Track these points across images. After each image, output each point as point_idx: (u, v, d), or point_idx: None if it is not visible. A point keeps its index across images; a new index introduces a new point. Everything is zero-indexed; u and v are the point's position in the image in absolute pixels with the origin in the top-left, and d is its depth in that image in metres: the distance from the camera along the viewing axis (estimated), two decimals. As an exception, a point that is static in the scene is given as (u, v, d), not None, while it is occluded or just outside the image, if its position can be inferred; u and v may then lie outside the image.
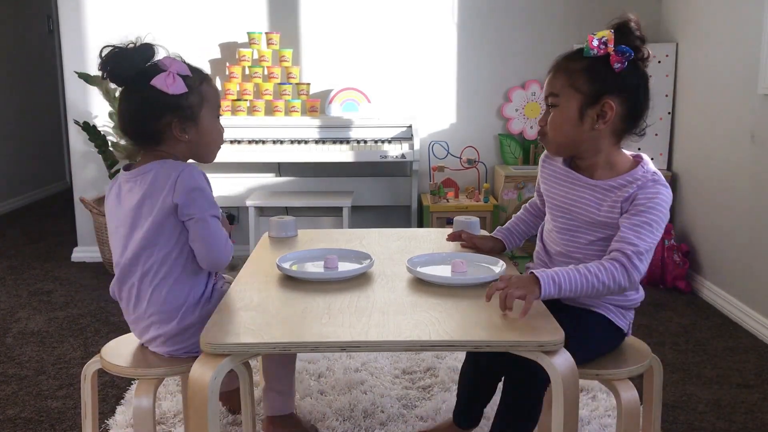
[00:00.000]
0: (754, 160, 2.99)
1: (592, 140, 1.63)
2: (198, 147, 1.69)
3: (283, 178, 4.07)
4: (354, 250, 1.86)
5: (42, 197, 6.07)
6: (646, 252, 1.55)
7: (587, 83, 1.60)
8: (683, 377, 2.54)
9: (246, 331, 1.37)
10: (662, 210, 1.58)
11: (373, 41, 4.03)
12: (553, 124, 1.64)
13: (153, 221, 1.59)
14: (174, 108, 1.61)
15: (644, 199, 1.58)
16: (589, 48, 1.58)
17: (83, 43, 3.93)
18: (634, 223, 1.56)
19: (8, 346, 2.83)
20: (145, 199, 1.61)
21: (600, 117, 1.60)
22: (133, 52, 1.61)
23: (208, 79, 1.69)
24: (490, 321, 1.42)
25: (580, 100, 1.60)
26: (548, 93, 1.65)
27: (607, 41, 1.58)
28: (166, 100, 1.59)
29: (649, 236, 1.55)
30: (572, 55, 1.64)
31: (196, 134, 1.66)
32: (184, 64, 1.63)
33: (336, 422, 2.17)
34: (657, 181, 1.61)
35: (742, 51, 3.10)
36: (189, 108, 1.63)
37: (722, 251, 3.30)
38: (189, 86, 1.61)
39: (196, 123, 1.65)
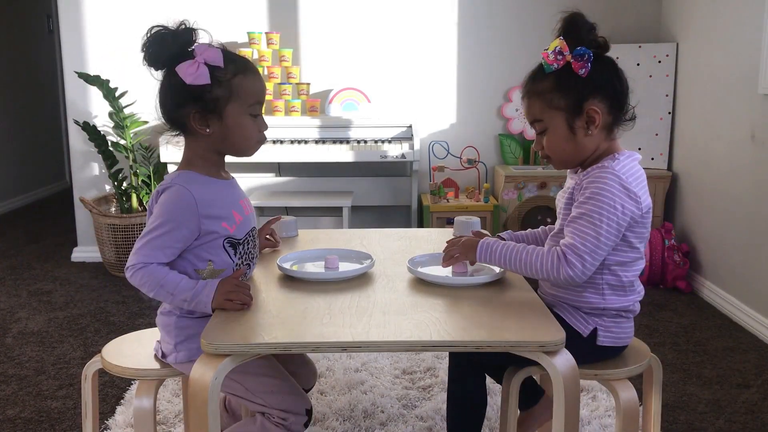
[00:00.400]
0: (754, 160, 2.99)
1: (588, 145, 1.63)
2: (223, 142, 1.57)
3: (283, 178, 4.07)
4: (354, 250, 1.86)
5: (42, 197, 6.07)
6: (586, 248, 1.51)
7: (563, 98, 1.59)
8: (683, 377, 2.54)
9: (246, 331, 1.37)
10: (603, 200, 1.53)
11: (373, 41, 4.03)
12: (551, 147, 1.64)
13: None
14: (195, 99, 1.52)
15: (586, 190, 1.56)
16: (548, 64, 1.58)
17: (83, 43, 3.93)
18: (574, 216, 1.56)
19: (8, 346, 2.83)
20: None
21: (589, 123, 1.60)
22: (171, 36, 1.53)
23: (246, 72, 1.55)
24: (490, 321, 1.42)
25: (563, 116, 1.60)
26: (532, 120, 1.66)
27: (561, 50, 1.57)
28: (187, 89, 1.50)
29: (588, 231, 1.52)
30: (536, 75, 1.63)
31: (220, 129, 1.54)
32: (220, 54, 1.51)
33: (336, 422, 2.18)
34: (605, 168, 1.57)
35: (742, 51, 3.10)
36: (213, 101, 1.52)
37: (722, 251, 3.30)
38: (217, 78, 1.50)
39: (220, 117, 1.53)
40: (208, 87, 1.51)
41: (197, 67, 1.49)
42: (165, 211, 1.52)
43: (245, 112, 1.56)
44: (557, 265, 1.53)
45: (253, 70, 1.58)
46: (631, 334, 1.69)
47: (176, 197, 1.52)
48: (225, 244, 1.57)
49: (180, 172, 1.58)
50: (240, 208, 1.62)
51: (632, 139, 3.75)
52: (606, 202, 1.53)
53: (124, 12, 3.92)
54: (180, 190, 1.52)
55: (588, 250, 1.52)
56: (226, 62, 1.52)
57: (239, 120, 1.55)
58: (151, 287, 1.51)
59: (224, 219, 1.56)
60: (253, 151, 1.62)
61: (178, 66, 1.50)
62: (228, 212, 1.58)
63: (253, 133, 1.59)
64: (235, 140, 1.57)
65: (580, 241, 1.52)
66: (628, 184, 1.55)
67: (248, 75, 1.56)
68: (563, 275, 1.52)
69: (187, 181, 1.54)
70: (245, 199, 1.67)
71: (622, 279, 1.62)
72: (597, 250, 1.52)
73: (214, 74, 1.51)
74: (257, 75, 1.59)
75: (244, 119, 1.56)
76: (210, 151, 1.59)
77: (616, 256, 1.60)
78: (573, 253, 1.52)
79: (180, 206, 1.52)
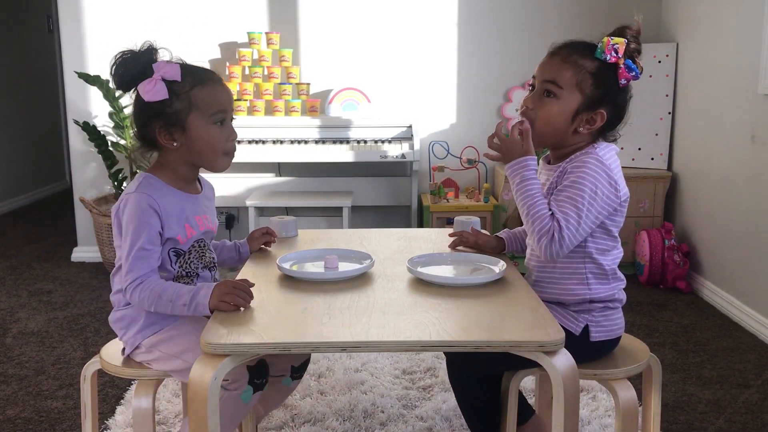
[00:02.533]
0: (754, 160, 2.99)
1: (571, 138, 1.65)
2: (192, 154, 1.63)
3: (283, 178, 4.07)
4: (354, 250, 1.86)
5: (42, 197, 6.07)
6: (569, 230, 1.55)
7: (592, 88, 1.61)
8: (683, 377, 2.54)
9: (246, 331, 1.37)
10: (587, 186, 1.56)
11: (373, 41, 4.03)
12: (546, 115, 1.63)
13: None
14: (158, 114, 1.58)
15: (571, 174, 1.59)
16: (603, 51, 1.58)
17: (83, 43, 3.92)
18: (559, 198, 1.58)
19: (8, 346, 2.83)
20: None
21: (588, 122, 1.63)
22: (132, 58, 1.59)
23: (205, 83, 1.60)
24: (490, 321, 1.42)
25: (580, 101, 1.61)
26: (550, 79, 1.62)
27: (619, 50, 1.58)
28: (150, 106, 1.57)
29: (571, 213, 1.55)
30: (582, 49, 1.62)
31: (186, 141, 1.60)
32: (177, 68, 1.58)
33: (336, 422, 2.17)
34: (588, 153, 1.60)
35: (742, 51, 3.10)
36: (174, 114, 1.58)
37: (722, 251, 3.30)
38: (175, 92, 1.56)
39: (184, 129, 1.59)
40: (168, 101, 1.57)
41: (154, 83, 1.55)
42: (132, 220, 1.57)
43: (208, 122, 1.61)
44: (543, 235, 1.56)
45: (213, 80, 1.63)
46: (621, 324, 1.70)
47: (137, 203, 1.57)
48: (170, 252, 1.63)
49: (143, 177, 1.63)
50: (194, 223, 1.66)
51: (632, 139, 3.75)
52: (588, 186, 1.56)
53: (124, 12, 3.92)
54: (140, 197, 1.58)
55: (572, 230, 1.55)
56: (184, 75, 1.58)
57: (203, 130, 1.60)
58: (151, 301, 1.55)
59: (175, 229, 1.62)
60: (222, 162, 1.67)
61: (138, 85, 1.57)
62: (180, 225, 1.63)
63: (218, 142, 1.63)
64: (201, 150, 1.62)
65: (564, 222, 1.55)
66: (610, 171, 1.59)
67: (207, 85, 1.61)
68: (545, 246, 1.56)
69: (147, 188, 1.60)
70: (205, 216, 1.71)
71: (603, 267, 1.65)
72: (578, 230, 1.56)
73: (173, 88, 1.57)
74: (218, 84, 1.63)
75: (207, 129, 1.61)
76: (181, 165, 1.65)
77: (595, 243, 1.63)
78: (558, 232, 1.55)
79: (143, 210, 1.57)
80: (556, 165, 1.67)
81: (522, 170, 1.61)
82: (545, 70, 1.64)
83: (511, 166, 1.62)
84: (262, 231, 1.94)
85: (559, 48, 1.65)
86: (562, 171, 1.63)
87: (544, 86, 1.63)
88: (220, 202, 3.99)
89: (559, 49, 1.64)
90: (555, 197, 1.60)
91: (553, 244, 1.55)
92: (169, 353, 1.61)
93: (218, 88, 1.63)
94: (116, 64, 1.59)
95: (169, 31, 3.94)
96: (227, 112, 1.64)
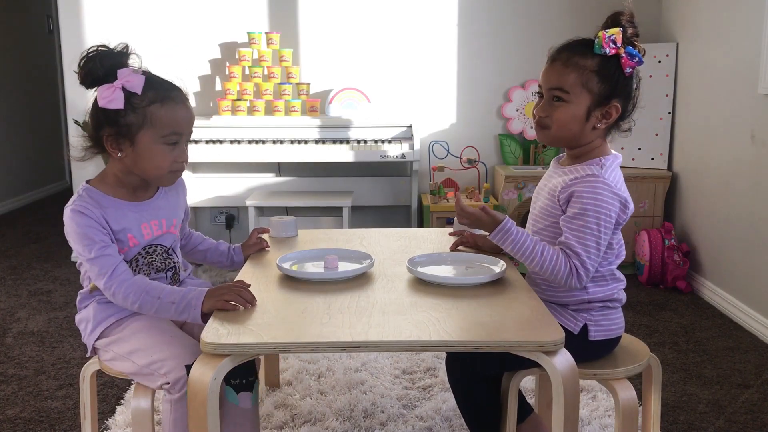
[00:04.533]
0: (754, 160, 2.99)
1: (589, 137, 1.66)
2: (135, 167, 1.59)
3: (283, 178, 4.07)
4: (354, 250, 1.86)
5: (42, 197, 6.07)
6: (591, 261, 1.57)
7: (599, 84, 1.61)
8: (683, 377, 2.54)
9: (246, 331, 1.37)
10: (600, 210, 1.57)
11: (373, 41, 4.03)
12: (560, 120, 1.63)
13: None
14: (110, 122, 1.55)
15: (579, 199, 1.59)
16: (602, 46, 1.58)
17: (83, 43, 3.92)
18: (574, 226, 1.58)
19: (8, 346, 2.83)
20: None
21: (604, 117, 1.63)
22: (100, 57, 1.55)
23: (165, 101, 1.55)
24: (490, 321, 1.42)
25: (589, 100, 1.61)
26: (556, 86, 1.63)
27: (616, 40, 1.59)
28: (104, 111, 1.54)
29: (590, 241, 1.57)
30: (580, 49, 1.63)
31: (132, 154, 1.57)
32: (141, 80, 1.53)
33: (336, 422, 2.17)
34: (595, 177, 1.60)
35: (742, 51, 3.10)
36: (125, 126, 1.54)
37: (722, 251, 3.30)
38: (132, 104, 1.53)
39: (132, 143, 1.56)
40: (122, 112, 1.53)
41: (113, 91, 1.52)
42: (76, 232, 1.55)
43: (159, 141, 1.57)
44: (567, 276, 1.57)
45: (175, 99, 1.58)
46: (621, 324, 1.70)
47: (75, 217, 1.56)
48: None
49: (82, 190, 1.61)
50: (139, 232, 1.63)
51: (632, 139, 3.75)
52: (603, 213, 1.57)
53: (124, 12, 3.92)
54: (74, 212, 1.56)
55: (593, 262, 1.58)
56: (146, 89, 1.54)
57: (151, 148, 1.56)
58: (136, 297, 1.53)
59: (117, 240, 1.60)
60: (167, 180, 1.64)
61: (98, 88, 1.54)
62: (123, 235, 1.60)
63: (164, 163, 1.59)
64: (145, 167, 1.59)
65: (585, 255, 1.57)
66: (618, 191, 1.60)
67: (166, 104, 1.56)
68: (572, 285, 1.58)
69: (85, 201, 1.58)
70: (155, 222, 1.67)
71: (600, 270, 1.65)
72: (597, 259, 1.59)
73: (130, 100, 1.53)
74: (179, 105, 1.59)
75: (156, 147, 1.57)
76: (125, 174, 1.62)
77: None
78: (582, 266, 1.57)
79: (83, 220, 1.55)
80: (568, 168, 1.67)
81: (506, 236, 1.62)
82: (549, 78, 1.64)
83: (494, 237, 1.65)
84: (253, 240, 1.93)
85: (558, 52, 1.64)
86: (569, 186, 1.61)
87: (551, 93, 1.64)
88: (220, 202, 3.99)
89: (558, 54, 1.64)
90: (569, 225, 1.59)
91: (580, 280, 1.58)
92: (120, 353, 1.59)
93: (179, 108, 1.58)
94: (84, 58, 1.56)
95: (169, 31, 3.94)
96: (182, 135, 1.60)
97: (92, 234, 1.55)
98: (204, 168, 3.99)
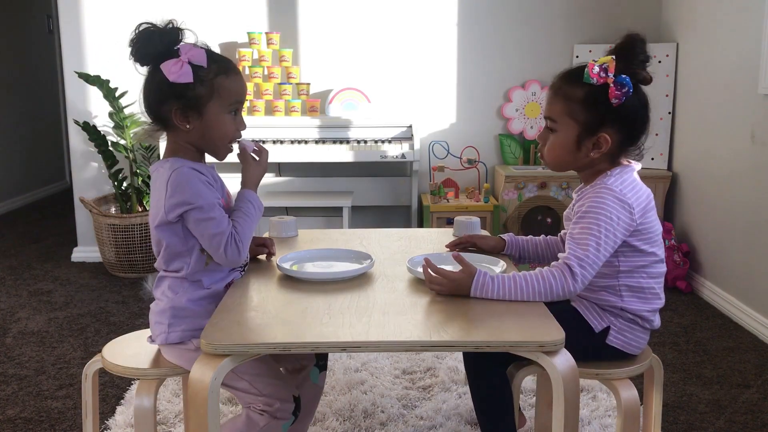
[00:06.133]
0: (754, 160, 2.99)
1: (586, 163, 1.66)
2: (203, 139, 1.62)
3: (283, 178, 4.07)
4: (354, 250, 1.86)
5: (42, 197, 6.07)
6: (585, 257, 1.53)
7: (584, 113, 1.60)
8: (683, 377, 2.54)
9: (246, 331, 1.37)
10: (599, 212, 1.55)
11: (373, 41, 4.03)
12: (550, 148, 1.66)
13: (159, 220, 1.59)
14: (178, 96, 1.57)
15: (582, 206, 1.59)
16: (589, 76, 1.57)
17: (83, 43, 3.93)
18: (575, 232, 1.57)
19: (8, 346, 2.83)
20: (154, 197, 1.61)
21: (595, 146, 1.62)
22: (159, 34, 1.58)
23: (229, 73, 1.61)
24: (490, 321, 1.42)
25: (576, 129, 1.61)
26: (546, 115, 1.66)
27: (607, 68, 1.56)
28: (171, 85, 1.55)
29: (588, 241, 1.54)
30: (571, 78, 1.63)
31: (200, 126, 1.60)
32: (204, 54, 1.57)
33: (336, 422, 2.17)
34: (598, 185, 1.60)
35: (742, 51, 3.10)
36: (194, 98, 1.57)
37: (722, 251, 3.30)
38: (200, 77, 1.56)
39: (200, 114, 1.58)
40: (191, 85, 1.56)
41: (181, 65, 1.55)
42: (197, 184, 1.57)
43: (225, 111, 1.62)
44: (562, 281, 1.53)
45: (235, 71, 1.64)
46: (642, 345, 1.69)
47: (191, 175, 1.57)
48: None
49: (173, 161, 1.60)
50: (225, 194, 1.69)
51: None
52: (602, 214, 1.55)
53: (124, 12, 3.92)
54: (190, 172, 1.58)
55: (590, 262, 1.54)
56: (210, 62, 1.58)
57: (218, 117, 1.61)
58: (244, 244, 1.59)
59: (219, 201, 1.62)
60: (226, 150, 1.68)
61: (163, 64, 1.55)
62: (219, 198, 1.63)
63: (230, 131, 1.64)
64: (213, 136, 1.62)
65: (583, 253, 1.54)
66: (622, 196, 1.58)
67: (230, 75, 1.62)
68: (569, 289, 1.54)
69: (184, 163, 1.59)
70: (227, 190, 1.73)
71: (640, 282, 1.64)
72: (596, 260, 1.55)
73: (197, 73, 1.56)
74: (239, 75, 1.65)
75: (223, 117, 1.62)
76: (189, 148, 1.65)
77: (627, 261, 1.62)
78: (578, 264, 1.53)
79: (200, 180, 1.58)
80: (583, 191, 1.67)
81: (487, 287, 1.53)
82: (545, 107, 1.68)
83: (474, 292, 1.53)
84: (259, 242, 1.88)
85: (554, 81, 1.66)
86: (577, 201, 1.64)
87: (546, 122, 1.67)
88: (220, 202, 3.99)
89: (554, 82, 1.66)
90: (571, 230, 1.59)
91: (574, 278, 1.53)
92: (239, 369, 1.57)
93: (239, 78, 1.64)
94: (139, 36, 1.58)
95: (169, 31, 3.93)
96: (242, 103, 1.67)
97: (211, 192, 1.58)
98: (204, 168, 3.99)
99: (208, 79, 1.58)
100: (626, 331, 1.65)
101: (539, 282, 1.53)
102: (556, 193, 3.78)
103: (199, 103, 1.58)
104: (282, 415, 1.58)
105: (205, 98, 1.58)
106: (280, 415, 1.58)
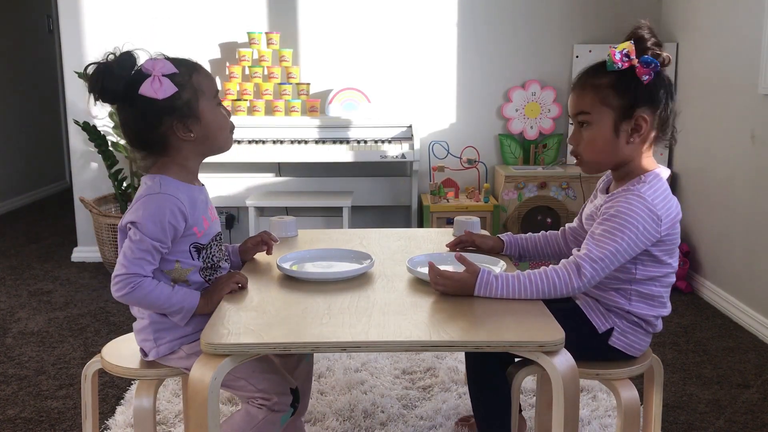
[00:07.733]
0: (754, 160, 2.99)
1: (626, 152, 1.63)
2: (207, 140, 1.61)
3: (283, 178, 4.07)
4: (354, 250, 1.86)
5: (42, 197, 6.07)
6: (599, 259, 1.53)
7: (618, 98, 1.59)
8: (683, 377, 2.54)
9: (246, 331, 1.37)
10: (627, 219, 1.54)
11: (373, 41, 4.03)
12: (589, 142, 1.63)
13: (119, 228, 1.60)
14: (169, 110, 1.55)
15: (610, 207, 1.57)
16: (613, 62, 1.57)
17: (83, 43, 3.93)
18: (597, 231, 1.56)
19: (8, 346, 2.83)
20: None
21: (634, 131, 1.61)
22: (117, 66, 1.54)
23: (197, 69, 1.60)
24: (490, 321, 1.43)
25: (612, 115, 1.60)
26: (578, 111, 1.63)
27: (629, 53, 1.57)
28: (159, 104, 1.53)
29: (607, 244, 1.53)
30: (595, 70, 1.63)
31: (202, 129, 1.58)
32: (168, 62, 1.55)
33: (336, 422, 2.17)
34: (630, 190, 1.58)
35: (742, 51, 3.10)
36: (185, 105, 1.56)
37: (722, 251, 3.30)
38: (179, 84, 1.54)
39: (198, 118, 1.57)
40: (176, 94, 1.55)
41: (159, 82, 1.52)
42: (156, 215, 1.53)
43: (214, 103, 1.62)
44: (566, 278, 1.53)
45: (198, 66, 1.64)
46: (644, 348, 1.69)
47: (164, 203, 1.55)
48: (191, 248, 1.61)
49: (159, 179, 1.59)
50: (208, 215, 1.66)
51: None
52: (630, 221, 1.54)
53: (124, 12, 3.92)
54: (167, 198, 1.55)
55: (604, 266, 1.53)
56: (177, 66, 1.57)
57: (212, 112, 1.61)
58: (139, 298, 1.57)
59: (195, 224, 1.60)
60: (230, 140, 1.68)
61: (141, 88, 1.52)
62: (199, 218, 1.61)
63: (225, 122, 1.66)
64: (215, 133, 1.62)
65: (598, 255, 1.53)
66: (653, 207, 1.57)
67: (200, 70, 1.62)
68: (574, 286, 1.54)
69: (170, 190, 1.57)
70: (211, 208, 1.71)
71: (652, 290, 1.65)
72: (610, 264, 1.54)
73: (175, 80, 1.55)
74: (203, 68, 1.65)
75: (216, 110, 1.63)
76: (194, 157, 1.64)
77: (644, 270, 1.63)
78: (590, 265, 1.53)
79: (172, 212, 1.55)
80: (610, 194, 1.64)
81: (491, 285, 1.54)
82: (572, 106, 1.66)
83: (479, 291, 1.54)
84: (256, 240, 1.86)
85: (576, 80, 1.66)
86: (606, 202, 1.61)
87: (577, 120, 1.65)
88: (220, 202, 3.99)
89: (576, 81, 1.66)
90: (592, 231, 1.58)
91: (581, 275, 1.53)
92: None
93: (204, 71, 1.64)
94: (98, 75, 1.54)
95: (169, 32, 3.94)
96: (219, 91, 1.68)
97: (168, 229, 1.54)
98: (204, 168, 3.94)
99: (186, 81, 1.56)
100: (629, 333, 1.65)
101: (542, 280, 1.54)
102: (556, 193, 3.78)
103: (192, 107, 1.57)
104: (280, 407, 1.59)
105: (193, 100, 1.57)
106: (279, 408, 1.58)
